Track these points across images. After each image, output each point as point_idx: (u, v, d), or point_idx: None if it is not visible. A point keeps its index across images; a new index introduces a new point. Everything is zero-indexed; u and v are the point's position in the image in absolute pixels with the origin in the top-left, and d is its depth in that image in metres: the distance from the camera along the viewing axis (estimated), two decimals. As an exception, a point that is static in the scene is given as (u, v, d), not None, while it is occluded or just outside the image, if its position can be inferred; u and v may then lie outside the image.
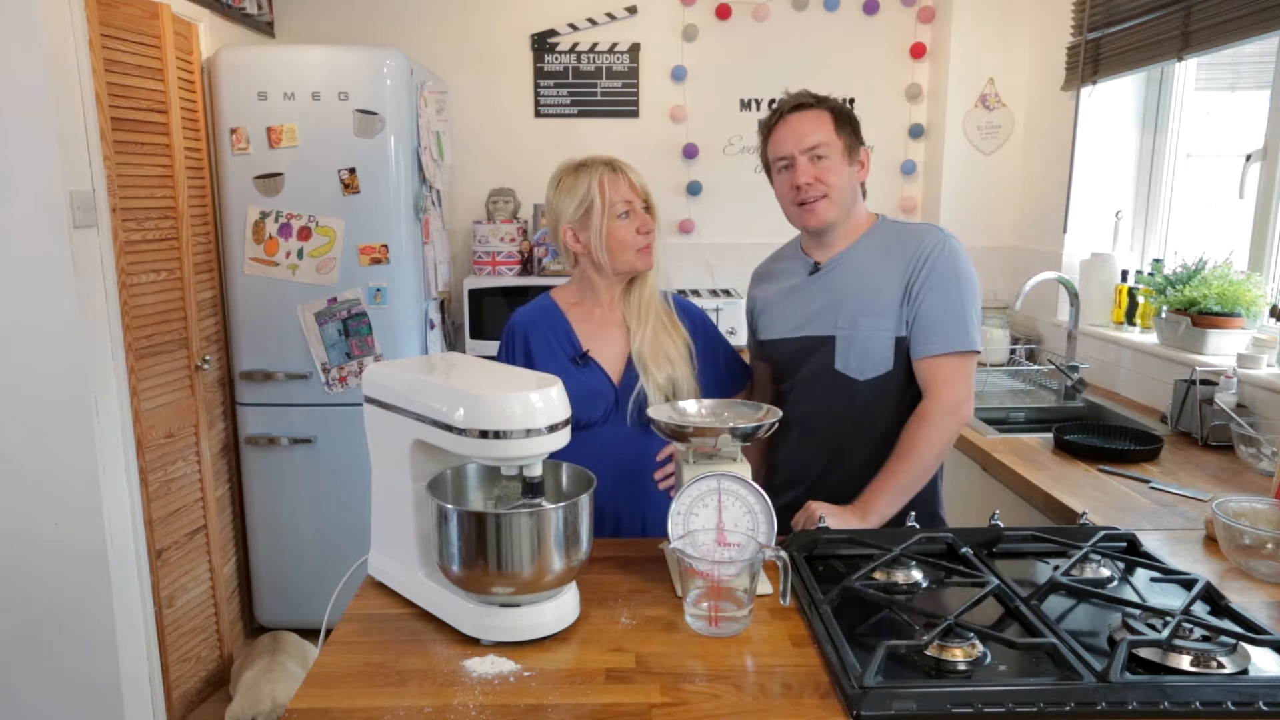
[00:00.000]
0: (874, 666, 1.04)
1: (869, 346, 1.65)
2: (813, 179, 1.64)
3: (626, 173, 1.68)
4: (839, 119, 1.67)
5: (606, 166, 1.68)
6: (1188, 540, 1.61)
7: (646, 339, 1.69)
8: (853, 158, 1.68)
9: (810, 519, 1.51)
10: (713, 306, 3.38)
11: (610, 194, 1.65)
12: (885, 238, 1.71)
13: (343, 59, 2.92)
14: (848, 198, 1.68)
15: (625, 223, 1.66)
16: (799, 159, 1.65)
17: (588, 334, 1.73)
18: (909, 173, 3.80)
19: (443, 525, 1.19)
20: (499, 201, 3.56)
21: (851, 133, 1.68)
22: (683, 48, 3.68)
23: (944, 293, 1.61)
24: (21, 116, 2.12)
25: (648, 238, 1.68)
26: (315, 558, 3.13)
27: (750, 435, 1.34)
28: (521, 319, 1.78)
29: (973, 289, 1.64)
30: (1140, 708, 1.01)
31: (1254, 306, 2.41)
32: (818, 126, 1.65)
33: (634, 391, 1.67)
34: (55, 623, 2.31)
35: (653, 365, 1.67)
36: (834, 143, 1.65)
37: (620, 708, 1.04)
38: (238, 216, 2.96)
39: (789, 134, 1.66)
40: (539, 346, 1.73)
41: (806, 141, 1.64)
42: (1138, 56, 2.74)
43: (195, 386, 2.78)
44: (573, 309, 1.77)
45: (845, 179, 1.67)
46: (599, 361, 1.70)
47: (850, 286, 1.68)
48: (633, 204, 1.67)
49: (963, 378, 1.61)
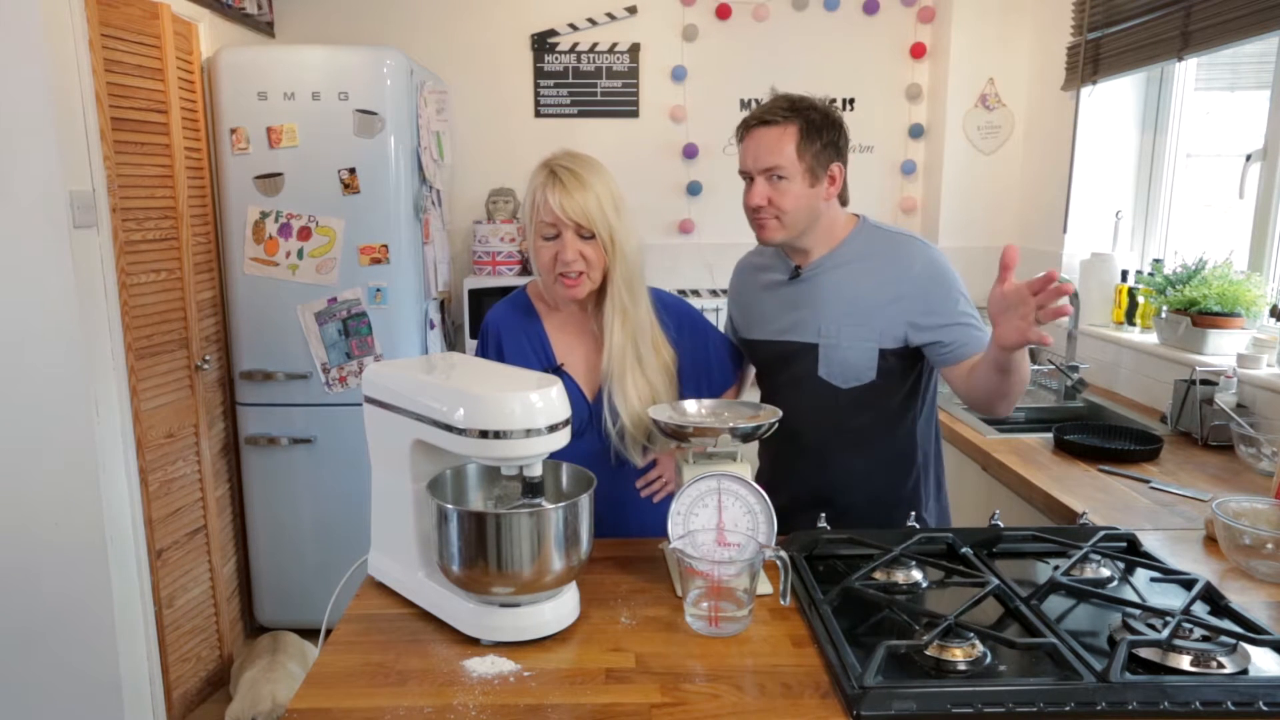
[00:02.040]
0: (874, 666, 1.04)
1: (851, 357, 1.64)
2: (765, 201, 1.60)
3: (556, 192, 1.47)
4: (807, 134, 1.58)
5: (547, 176, 1.50)
6: (1188, 540, 1.61)
7: (615, 374, 1.56)
8: (816, 178, 1.60)
9: None
10: (713, 306, 3.38)
11: (539, 210, 1.50)
12: (867, 246, 1.67)
13: (343, 59, 2.92)
14: (803, 219, 1.62)
15: (546, 246, 1.51)
16: (758, 178, 1.61)
17: (563, 344, 1.65)
18: (909, 173, 3.80)
19: (443, 525, 1.19)
20: (499, 201, 3.56)
21: (820, 150, 1.59)
22: (683, 48, 3.68)
23: (951, 310, 1.61)
24: (21, 116, 2.12)
25: (568, 267, 1.50)
26: (315, 558, 3.13)
27: (750, 435, 1.34)
28: (496, 319, 1.68)
29: (962, 289, 1.64)
30: (1140, 708, 1.01)
31: (1254, 306, 2.41)
32: (778, 147, 1.57)
33: (605, 408, 1.59)
34: (55, 623, 2.31)
35: (618, 388, 1.56)
36: (793, 166, 1.58)
37: (620, 708, 1.04)
38: (238, 216, 2.95)
39: (750, 151, 1.62)
40: (512, 352, 1.65)
41: (764, 162, 1.59)
42: (1138, 56, 2.74)
43: (195, 386, 2.78)
44: (549, 313, 1.67)
45: (802, 202, 1.60)
46: (573, 375, 1.63)
47: (833, 296, 1.66)
48: (559, 227, 1.49)
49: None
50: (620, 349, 1.56)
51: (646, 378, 1.58)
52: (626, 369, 1.57)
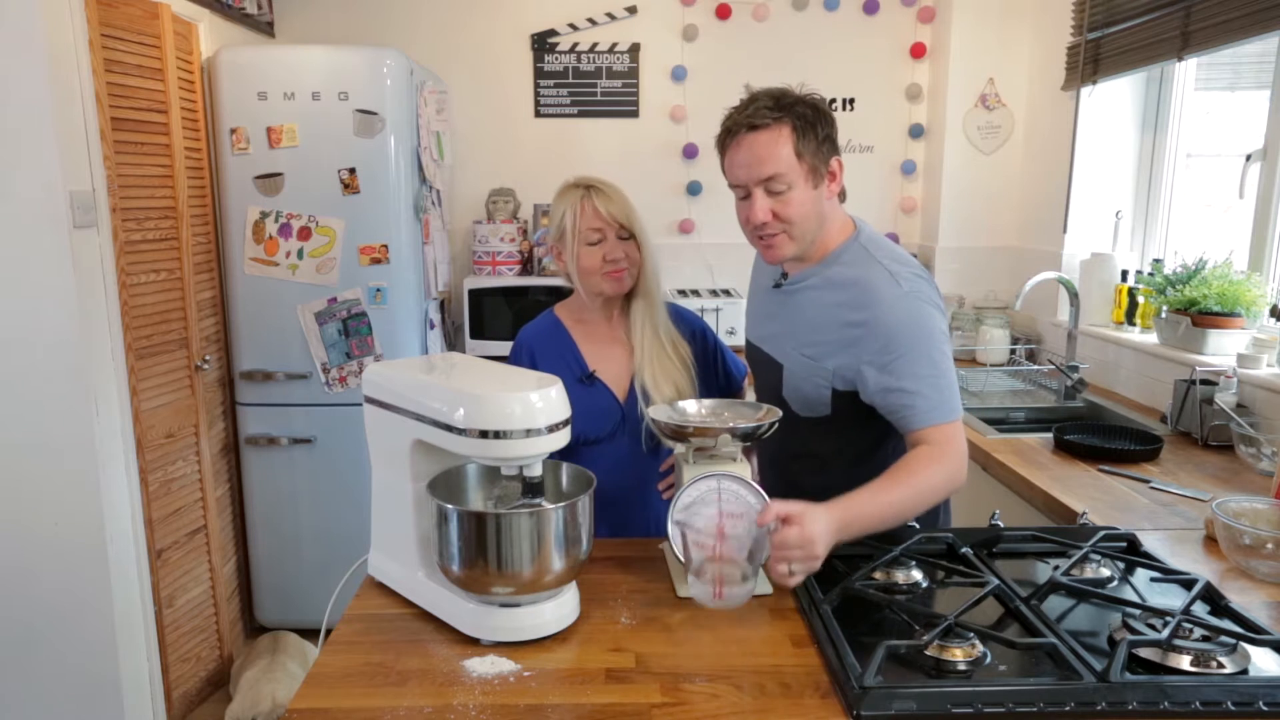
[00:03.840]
0: (874, 666, 1.04)
1: (806, 388, 1.54)
2: (769, 216, 1.45)
3: (597, 200, 1.66)
4: (802, 131, 1.43)
5: (583, 191, 1.67)
6: (1188, 540, 1.61)
7: (647, 361, 1.70)
8: (819, 177, 1.46)
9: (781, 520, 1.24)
10: (713, 306, 3.38)
11: (580, 221, 1.66)
12: (849, 269, 1.51)
13: (343, 59, 2.92)
14: (812, 227, 1.48)
15: (593, 250, 1.66)
16: (755, 191, 1.45)
17: (592, 353, 1.75)
18: (909, 173, 3.80)
19: (443, 525, 1.19)
20: (499, 201, 3.56)
21: (818, 145, 1.44)
22: (683, 48, 3.68)
23: (917, 366, 1.40)
24: (21, 116, 2.12)
25: (614, 264, 1.67)
26: (315, 558, 3.13)
27: (750, 435, 1.34)
28: (528, 337, 1.80)
29: (943, 349, 1.43)
30: (1140, 708, 1.01)
31: (1254, 306, 2.41)
32: (774, 152, 1.42)
33: (639, 410, 1.70)
34: (55, 622, 2.31)
35: (653, 389, 1.68)
36: (794, 169, 1.43)
37: (620, 708, 1.04)
38: (238, 216, 2.95)
39: (742, 162, 1.45)
40: (546, 364, 1.74)
41: (762, 172, 1.43)
42: (1138, 56, 2.74)
43: (195, 386, 2.78)
44: (577, 327, 1.78)
45: (808, 208, 1.46)
46: (604, 380, 1.73)
47: (800, 319, 1.55)
48: (603, 231, 1.66)
49: (958, 441, 1.41)
50: (650, 339, 1.72)
51: (674, 364, 1.73)
52: (656, 357, 1.72)
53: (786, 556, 1.21)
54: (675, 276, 3.71)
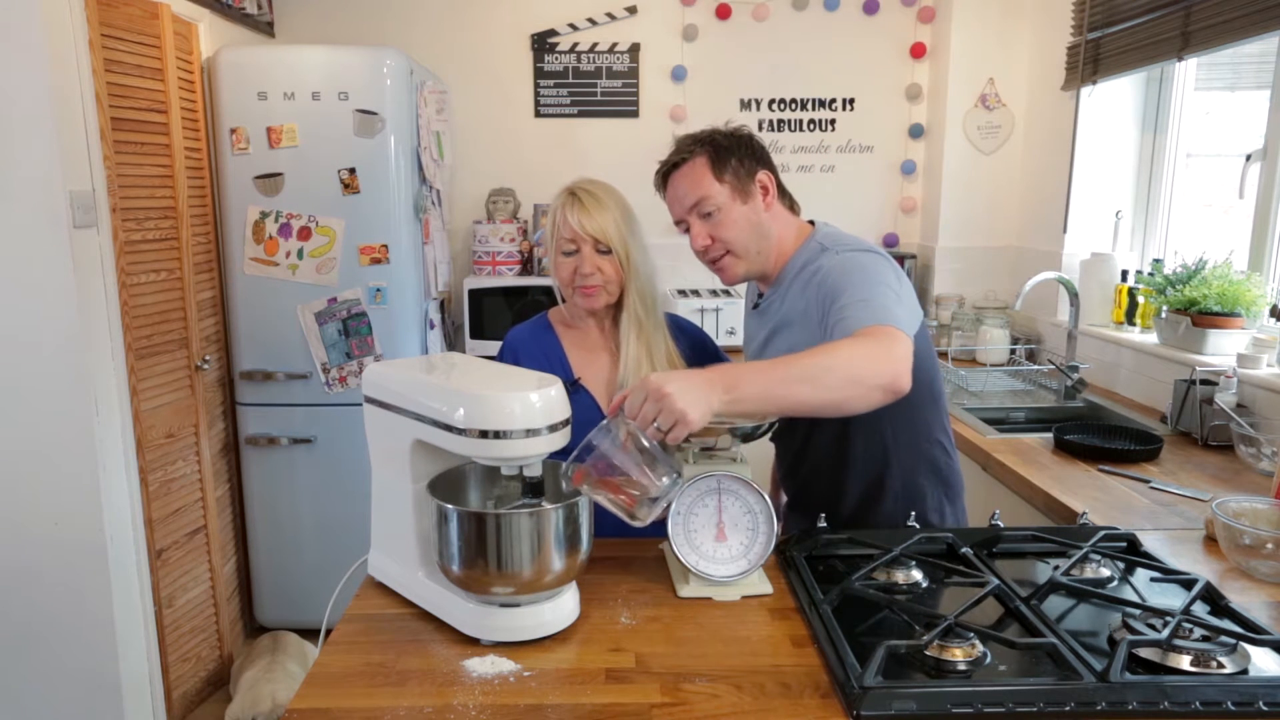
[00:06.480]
0: (874, 666, 1.04)
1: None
2: (708, 240, 1.55)
3: (577, 211, 1.60)
4: (717, 158, 1.53)
5: (568, 198, 1.63)
6: (1188, 540, 1.61)
7: (630, 369, 1.64)
8: (747, 194, 1.54)
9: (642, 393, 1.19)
10: (713, 307, 3.38)
11: (560, 229, 1.63)
12: (805, 281, 1.53)
13: (343, 59, 2.92)
14: (753, 241, 1.55)
15: (567, 261, 1.63)
16: (691, 220, 1.55)
17: (580, 360, 1.71)
18: (909, 173, 3.80)
19: (443, 525, 1.19)
20: (499, 201, 3.56)
21: (737, 164, 1.53)
22: (683, 48, 3.68)
23: (857, 291, 1.38)
24: (21, 116, 2.12)
25: (585, 279, 1.62)
26: (315, 558, 3.13)
27: (750, 435, 1.34)
28: (515, 339, 1.76)
29: (884, 279, 1.41)
30: (1140, 708, 1.01)
31: (1254, 306, 2.41)
32: (695, 182, 1.53)
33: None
34: (55, 622, 2.31)
35: None
36: (718, 191, 1.52)
37: (620, 708, 1.04)
38: (238, 216, 2.95)
39: (674, 197, 1.58)
40: (529, 366, 1.68)
41: (689, 200, 1.54)
42: (1138, 56, 2.74)
43: (195, 386, 2.78)
44: (568, 333, 1.74)
45: (742, 223, 1.54)
46: (589, 389, 1.69)
47: (781, 328, 1.59)
48: (576, 243, 1.61)
49: (889, 335, 1.30)
50: (635, 359, 1.65)
51: None
52: (642, 375, 1.61)
53: (644, 418, 1.18)
54: (675, 276, 3.71)
